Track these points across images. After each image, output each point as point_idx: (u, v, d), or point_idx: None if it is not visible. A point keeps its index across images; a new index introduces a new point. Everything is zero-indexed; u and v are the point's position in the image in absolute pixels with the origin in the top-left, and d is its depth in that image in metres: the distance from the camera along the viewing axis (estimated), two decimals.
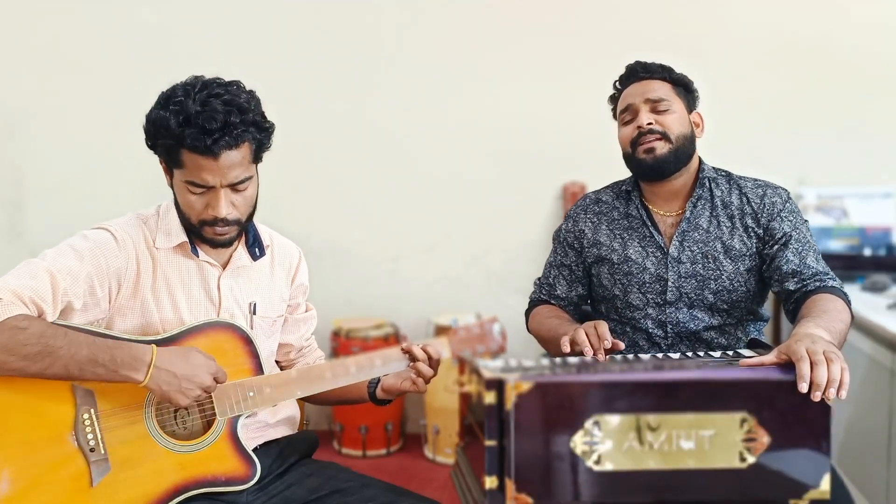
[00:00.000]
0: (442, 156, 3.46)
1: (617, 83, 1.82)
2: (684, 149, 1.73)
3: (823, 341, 1.35)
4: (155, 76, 1.54)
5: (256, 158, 1.53)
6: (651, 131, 1.70)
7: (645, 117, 1.72)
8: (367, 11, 3.40)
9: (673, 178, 1.75)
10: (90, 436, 1.41)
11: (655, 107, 1.73)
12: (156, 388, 1.40)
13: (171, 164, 1.49)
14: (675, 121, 1.72)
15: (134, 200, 1.88)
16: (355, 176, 3.51)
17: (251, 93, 1.51)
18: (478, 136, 3.43)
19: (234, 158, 1.45)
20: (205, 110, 1.41)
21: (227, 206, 1.48)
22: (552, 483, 1.27)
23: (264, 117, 1.52)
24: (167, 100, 1.46)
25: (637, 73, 1.77)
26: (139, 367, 1.38)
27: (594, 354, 1.51)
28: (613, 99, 1.83)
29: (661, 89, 1.74)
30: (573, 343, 1.54)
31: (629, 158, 1.76)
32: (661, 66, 1.77)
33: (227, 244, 1.55)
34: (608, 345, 1.52)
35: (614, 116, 1.83)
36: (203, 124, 1.40)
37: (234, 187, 1.48)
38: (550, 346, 1.76)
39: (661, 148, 1.70)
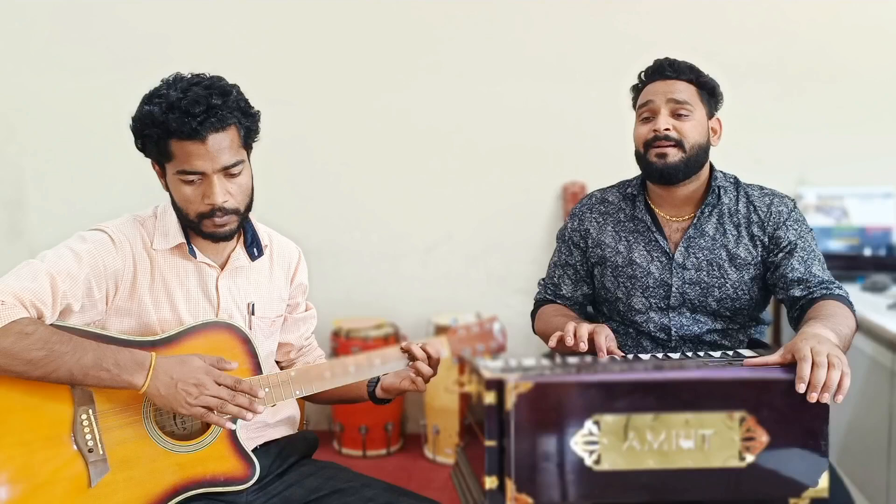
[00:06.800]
0: (442, 155, 3.46)
1: (642, 75, 1.76)
2: (696, 158, 1.69)
3: (830, 343, 1.34)
4: (155, 77, 1.53)
5: (246, 145, 1.53)
6: (667, 137, 1.66)
7: (663, 122, 1.67)
8: (368, 12, 3.40)
9: (681, 185, 1.72)
10: (88, 436, 1.40)
11: (676, 110, 1.68)
12: (154, 392, 1.39)
13: (161, 158, 1.49)
14: (693, 128, 1.68)
15: (134, 201, 1.88)
16: (356, 175, 3.50)
17: (234, 84, 1.52)
18: (478, 136, 3.43)
19: (223, 142, 1.46)
20: (187, 96, 1.43)
21: (223, 194, 1.48)
22: (552, 483, 1.27)
23: (249, 104, 1.53)
24: (150, 97, 1.48)
25: (664, 70, 1.71)
26: (140, 372, 1.38)
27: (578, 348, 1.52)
28: (636, 89, 1.78)
29: (685, 92, 1.69)
30: (574, 337, 1.54)
31: (640, 158, 1.73)
32: (690, 68, 1.71)
33: (228, 237, 1.54)
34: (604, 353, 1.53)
35: (633, 106, 1.78)
36: (187, 108, 1.42)
37: (226, 172, 1.48)
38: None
39: (674, 156, 1.67)
